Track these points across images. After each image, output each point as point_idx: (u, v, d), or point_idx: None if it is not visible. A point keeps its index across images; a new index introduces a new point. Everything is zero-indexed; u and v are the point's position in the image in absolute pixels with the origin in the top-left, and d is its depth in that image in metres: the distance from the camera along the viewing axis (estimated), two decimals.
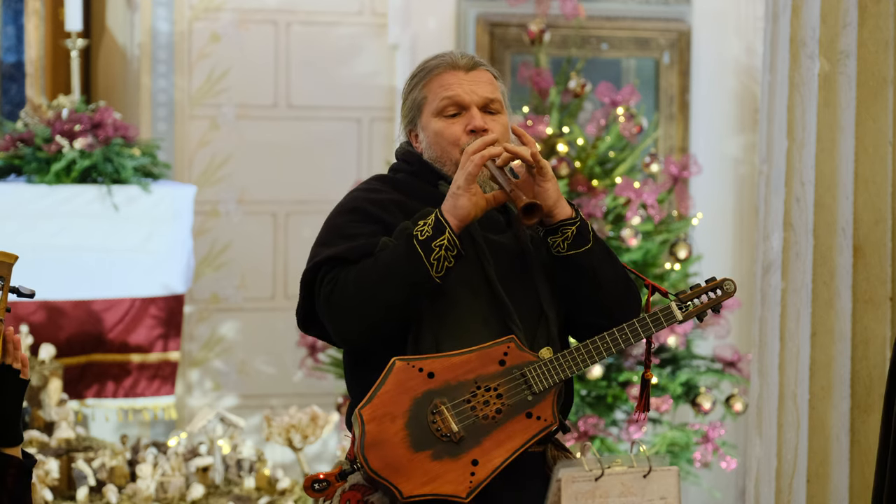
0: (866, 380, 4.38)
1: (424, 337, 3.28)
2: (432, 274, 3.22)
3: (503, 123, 3.40)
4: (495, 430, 3.23)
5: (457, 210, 3.24)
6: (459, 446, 3.21)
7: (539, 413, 3.26)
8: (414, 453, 3.20)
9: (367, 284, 3.23)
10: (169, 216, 6.22)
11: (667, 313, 3.33)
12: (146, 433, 6.65)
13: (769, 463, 4.58)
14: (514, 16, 6.92)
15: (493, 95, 3.39)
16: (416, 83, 3.43)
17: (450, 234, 3.22)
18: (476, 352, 3.24)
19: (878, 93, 4.36)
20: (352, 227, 3.34)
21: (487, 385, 3.24)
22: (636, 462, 3.78)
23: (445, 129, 3.37)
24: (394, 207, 3.35)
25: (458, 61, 3.39)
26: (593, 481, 3.71)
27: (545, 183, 3.29)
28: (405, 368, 3.22)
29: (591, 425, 5.87)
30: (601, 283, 3.36)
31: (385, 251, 3.26)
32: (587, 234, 3.33)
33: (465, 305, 3.30)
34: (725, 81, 7.22)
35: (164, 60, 6.94)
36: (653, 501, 3.75)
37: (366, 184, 3.48)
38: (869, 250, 4.37)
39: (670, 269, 6.23)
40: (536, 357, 3.27)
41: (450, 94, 3.37)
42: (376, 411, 3.20)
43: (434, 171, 3.41)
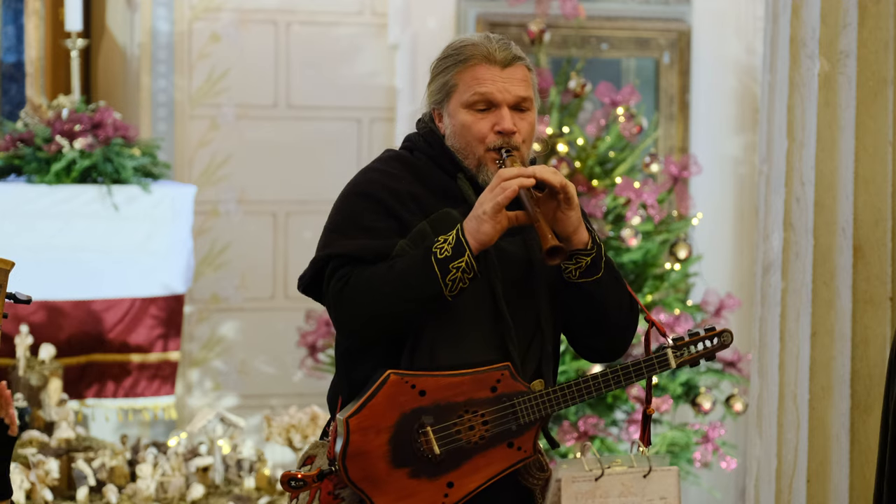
0: (866, 380, 4.38)
1: (422, 343, 3.28)
2: (445, 293, 3.21)
3: (531, 122, 3.36)
4: (476, 455, 3.24)
5: (479, 235, 3.20)
6: (438, 467, 3.22)
7: (520, 444, 3.27)
8: (393, 469, 3.22)
9: (380, 292, 3.22)
10: (169, 216, 6.22)
11: (661, 360, 3.33)
12: (146, 433, 6.65)
13: (769, 463, 4.58)
14: (514, 16, 6.92)
15: (525, 94, 3.34)
16: (450, 66, 3.35)
17: (469, 258, 3.20)
18: (470, 375, 3.24)
19: (878, 93, 4.36)
20: (368, 217, 3.30)
21: (476, 410, 3.23)
22: (636, 462, 3.78)
23: (473, 124, 3.32)
24: (412, 203, 3.31)
25: (495, 55, 3.31)
26: (593, 481, 3.70)
27: (569, 211, 3.26)
28: (398, 383, 3.21)
29: (591, 425, 5.87)
30: (604, 310, 3.35)
31: (401, 260, 3.24)
32: (600, 263, 3.31)
33: (467, 317, 3.29)
34: (725, 81, 7.22)
35: (164, 60, 6.94)
36: (653, 501, 3.75)
37: (384, 164, 3.41)
38: (869, 250, 4.37)
39: (670, 269, 6.23)
40: (528, 388, 3.26)
41: (482, 91, 3.31)
42: (364, 422, 3.21)
43: (454, 161, 3.36)
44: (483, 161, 3.33)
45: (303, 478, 3.25)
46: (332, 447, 3.26)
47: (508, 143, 3.32)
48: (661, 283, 6.21)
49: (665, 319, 5.99)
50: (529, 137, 3.37)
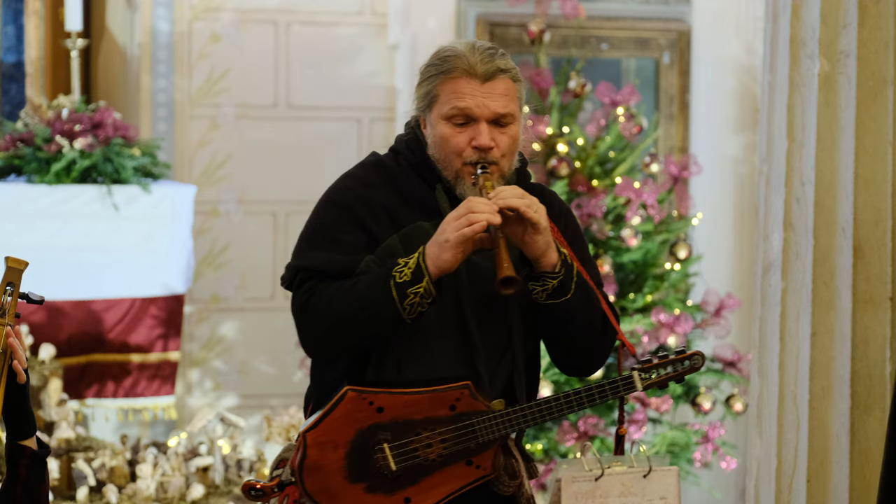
0: (866, 380, 4.37)
1: (388, 358, 3.28)
2: (403, 316, 3.21)
3: (512, 135, 3.33)
4: (434, 472, 3.24)
5: (439, 262, 3.19)
6: (395, 483, 3.23)
7: (479, 462, 3.26)
8: (349, 484, 3.23)
9: (338, 311, 3.23)
10: (169, 216, 6.22)
11: (627, 383, 3.31)
12: (146, 433, 6.65)
13: (769, 463, 4.58)
14: (514, 16, 6.92)
15: (505, 110, 3.31)
16: (433, 76, 3.33)
17: (427, 284, 3.20)
18: (428, 393, 3.23)
19: (878, 93, 4.36)
20: (339, 229, 3.31)
21: (434, 428, 3.23)
22: (636, 462, 3.77)
23: (451, 138, 3.31)
24: (384, 216, 3.31)
25: (476, 68, 3.28)
26: (593, 481, 3.70)
27: (535, 235, 3.24)
28: (356, 399, 3.22)
29: (591, 425, 5.87)
30: (574, 330, 3.34)
31: (362, 280, 3.24)
32: (569, 284, 3.28)
33: (435, 331, 3.29)
34: (725, 81, 7.22)
35: (164, 60, 6.94)
36: (653, 501, 3.75)
37: (364, 170, 3.42)
38: (869, 250, 4.37)
39: (670, 269, 6.23)
40: (487, 408, 3.25)
41: (461, 106, 3.29)
42: (320, 437, 3.22)
43: (434, 171, 3.36)
44: (460, 174, 3.32)
45: (262, 488, 3.27)
46: (295, 457, 3.27)
47: (485, 158, 3.30)
48: (661, 283, 6.21)
49: (665, 319, 5.99)
50: (510, 150, 3.34)
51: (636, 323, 5.99)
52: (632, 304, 6.14)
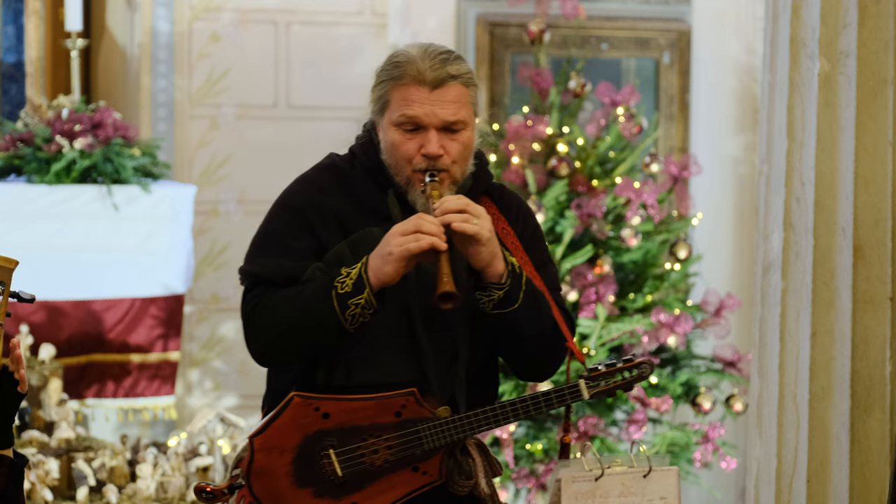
0: (866, 380, 4.37)
1: (338, 363, 3.29)
2: (345, 326, 3.22)
3: (463, 141, 3.31)
4: (380, 478, 3.25)
5: (381, 274, 3.19)
6: (342, 489, 3.24)
7: (426, 468, 3.27)
8: (297, 489, 3.24)
9: (282, 319, 3.25)
10: (169, 216, 6.22)
11: (573, 391, 3.29)
12: (146, 433, 6.65)
13: (769, 463, 4.58)
14: (514, 16, 6.92)
15: (454, 117, 3.29)
16: (385, 81, 3.33)
17: (368, 295, 3.20)
18: (375, 400, 3.24)
19: (878, 93, 4.36)
20: (288, 234, 3.32)
21: (380, 434, 3.24)
22: (636, 462, 3.77)
23: (401, 145, 3.30)
24: (334, 223, 3.31)
25: (425, 75, 3.26)
26: (593, 481, 3.70)
27: (479, 247, 3.22)
28: (302, 405, 3.24)
29: (591, 425, 5.87)
30: (521, 339, 3.33)
31: (306, 289, 3.25)
32: (516, 295, 3.27)
33: (384, 337, 3.29)
34: (725, 81, 7.22)
35: (164, 60, 6.93)
36: (653, 501, 3.75)
37: (318, 172, 3.42)
38: (869, 250, 4.37)
39: (670, 269, 6.23)
40: (433, 414, 3.25)
41: (409, 114, 3.28)
42: (267, 442, 3.24)
43: (387, 175, 3.35)
44: (411, 181, 3.32)
45: (212, 490, 3.28)
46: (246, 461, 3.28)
47: (434, 165, 3.29)
48: (661, 283, 6.21)
49: (665, 319, 5.99)
50: (462, 157, 3.32)
51: (636, 323, 5.99)
52: (632, 304, 6.14)
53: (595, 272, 6.00)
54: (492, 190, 3.45)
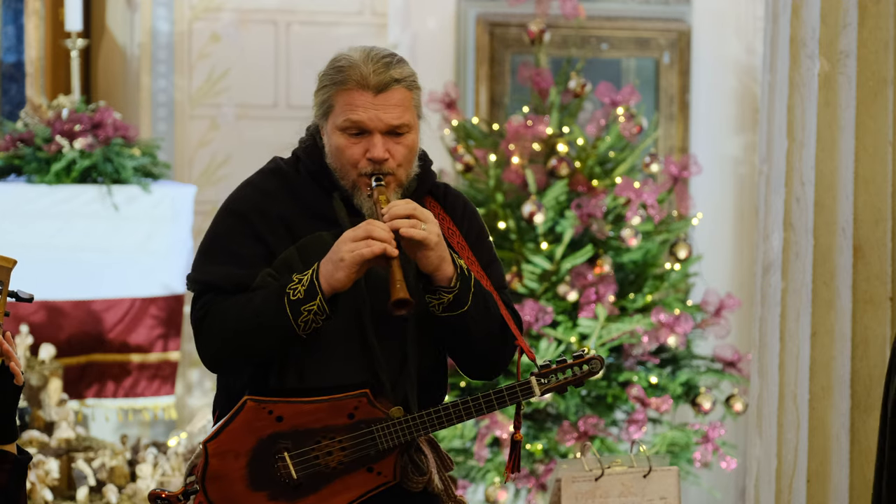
0: (866, 380, 4.38)
1: (290, 366, 3.29)
2: (298, 332, 3.22)
3: (408, 144, 3.33)
4: (335, 479, 3.25)
5: (332, 280, 3.20)
6: (297, 491, 3.25)
7: (380, 469, 3.28)
8: (252, 492, 3.25)
9: (234, 327, 3.25)
10: (169, 216, 6.22)
11: (525, 388, 3.30)
12: (146, 433, 6.65)
13: (769, 463, 4.58)
14: (514, 16, 6.92)
15: (398, 121, 3.30)
16: (328, 85, 3.34)
17: (321, 301, 3.21)
18: (327, 402, 3.25)
19: (878, 93, 4.36)
20: (235, 241, 3.31)
21: (333, 436, 3.25)
22: (636, 462, 3.78)
23: (346, 149, 3.30)
24: (281, 228, 3.31)
25: (368, 79, 3.28)
26: (593, 481, 3.70)
27: (427, 251, 3.23)
28: (255, 409, 3.24)
29: (591, 425, 5.87)
30: (472, 342, 3.34)
31: (257, 296, 3.25)
32: (465, 297, 3.28)
33: (336, 340, 3.30)
34: (725, 81, 7.22)
35: (164, 60, 6.93)
36: (653, 501, 3.75)
37: (263, 178, 3.41)
38: (869, 250, 4.37)
39: (670, 269, 6.23)
40: (386, 415, 3.26)
41: (354, 118, 3.28)
42: (221, 447, 3.25)
43: (332, 179, 3.35)
44: (357, 185, 3.33)
45: (167, 497, 3.28)
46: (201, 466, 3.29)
47: (380, 169, 3.30)
48: (661, 283, 6.21)
49: (665, 319, 5.99)
50: (407, 160, 3.33)
51: (636, 323, 5.99)
52: (632, 304, 6.14)
53: (595, 272, 6.00)
54: (436, 190, 3.46)
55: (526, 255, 6.07)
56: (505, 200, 6.18)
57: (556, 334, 5.95)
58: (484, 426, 5.84)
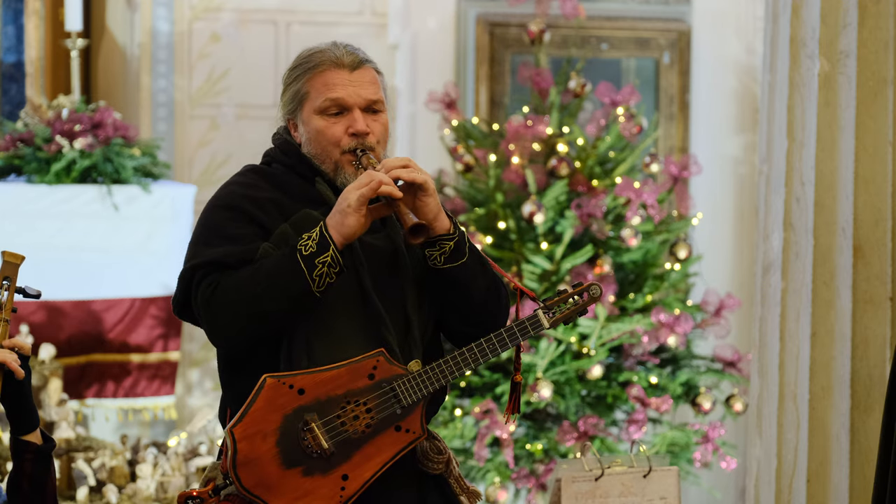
0: (866, 380, 4.38)
1: (297, 344, 3.30)
2: (313, 289, 3.24)
3: (384, 123, 3.41)
4: (365, 444, 3.26)
5: (343, 228, 3.25)
6: (330, 462, 3.25)
7: (408, 426, 3.29)
8: (285, 470, 3.24)
9: (248, 293, 3.25)
10: (169, 216, 6.22)
11: (534, 322, 3.34)
12: (146, 433, 6.65)
13: (769, 463, 4.58)
14: (514, 16, 6.92)
15: (376, 96, 3.39)
16: (299, 75, 3.43)
17: (333, 252, 3.24)
18: (345, 367, 3.26)
19: (878, 93, 4.37)
20: (231, 226, 3.35)
21: (357, 400, 3.26)
22: (636, 462, 3.78)
23: (327, 129, 3.38)
24: (272, 208, 3.36)
25: (342, 59, 3.38)
26: (593, 481, 3.71)
27: (426, 198, 3.30)
28: (275, 385, 3.24)
29: (591, 425, 5.87)
30: (472, 295, 3.38)
31: (267, 260, 3.28)
32: (464, 247, 3.35)
33: (339, 313, 3.32)
34: (725, 81, 7.22)
35: (164, 60, 6.94)
36: (653, 501, 3.75)
37: (242, 176, 3.47)
38: (869, 250, 4.37)
39: (670, 269, 6.23)
40: (405, 370, 3.29)
41: (333, 96, 3.37)
42: (248, 430, 3.24)
43: (312, 166, 3.41)
44: (340, 164, 3.39)
45: (198, 495, 3.28)
46: (224, 461, 3.28)
47: (363, 143, 3.37)
48: (661, 283, 6.21)
49: (665, 319, 5.99)
50: (384, 137, 3.42)
51: (636, 323, 5.99)
52: (632, 304, 6.14)
53: (595, 272, 6.00)
54: None
55: (526, 255, 6.07)
56: (505, 200, 6.18)
57: (556, 334, 5.96)
58: (484, 426, 5.84)
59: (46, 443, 3.19)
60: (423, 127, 6.88)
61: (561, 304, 3.37)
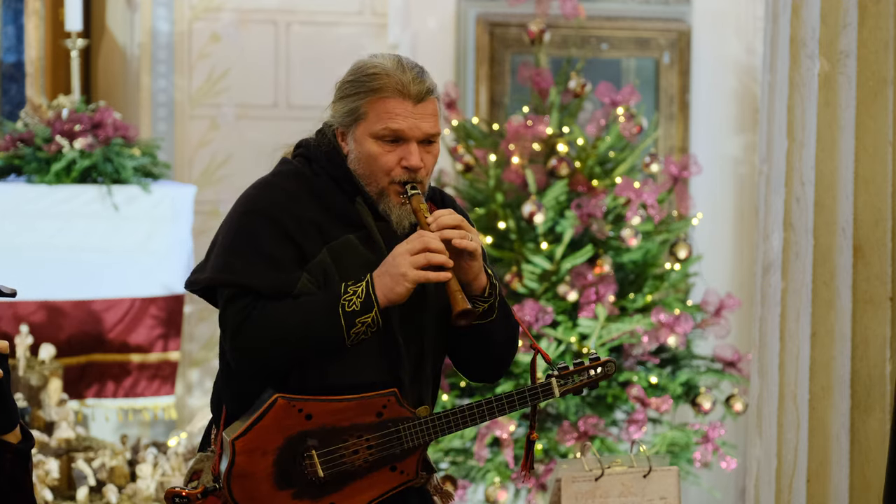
0: (866, 380, 4.38)
1: (311, 367, 3.30)
2: (346, 343, 3.25)
3: (436, 154, 3.37)
4: (359, 478, 3.28)
5: (392, 295, 3.23)
6: (322, 489, 3.27)
7: (403, 468, 3.31)
8: (277, 491, 3.25)
9: (281, 333, 3.24)
10: (169, 216, 6.22)
11: (546, 389, 3.37)
12: (146, 433, 6.65)
13: (769, 463, 4.58)
14: (514, 16, 6.92)
15: (434, 130, 3.33)
16: (360, 93, 3.33)
17: (376, 315, 3.24)
18: (356, 400, 3.27)
19: (878, 93, 4.37)
20: (268, 242, 3.29)
21: (361, 434, 3.27)
22: (636, 462, 3.78)
23: (381, 157, 3.31)
24: (313, 232, 3.30)
25: (408, 88, 3.29)
26: (593, 481, 3.71)
27: (472, 262, 3.29)
28: (286, 407, 3.25)
29: (591, 425, 5.87)
30: (492, 346, 3.41)
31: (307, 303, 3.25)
32: (496, 305, 3.35)
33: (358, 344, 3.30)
34: (725, 81, 7.22)
35: (164, 60, 6.94)
36: (653, 501, 3.75)
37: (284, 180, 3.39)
38: (869, 250, 4.37)
39: (670, 269, 6.23)
40: (413, 414, 3.30)
41: (394, 127, 3.29)
42: (249, 444, 3.24)
43: (355, 183, 3.35)
44: (386, 192, 3.34)
45: (187, 495, 3.28)
46: (217, 464, 3.29)
47: (415, 178, 3.32)
48: (661, 283, 6.21)
49: (665, 319, 5.99)
50: (432, 169, 3.38)
51: (636, 323, 5.99)
52: (632, 304, 6.14)
53: (595, 272, 6.00)
54: (434, 195, 3.50)
55: (526, 255, 6.07)
56: (505, 200, 6.18)
57: (556, 334, 5.96)
58: (484, 426, 5.84)
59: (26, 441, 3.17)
60: None
61: (575, 375, 3.40)
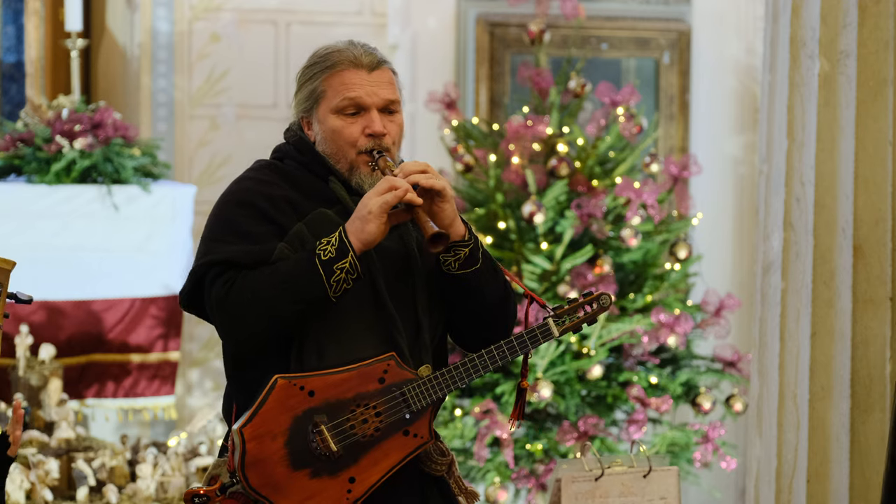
0: (866, 380, 4.38)
1: (308, 342, 3.31)
2: (330, 294, 3.25)
3: (399, 123, 3.44)
4: (373, 447, 3.27)
5: (363, 234, 3.26)
6: (337, 464, 3.26)
7: (416, 431, 3.30)
8: (293, 472, 3.25)
9: (263, 295, 3.25)
10: (169, 216, 6.22)
11: (544, 330, 3.36)
12: (146, 433, 6.65)
13: (769, 463, 4.58)
14: (514, 16, 6.92)
15: (393, 97, 3.42)
16: (316, 73, 3.41)
17: (352, 258, 3.25)
18: (356, 369, 3.27)
19: (878, 93, 4.37)
20: (245, 223, 3.34)
21: (367, 403, 3.27)
22: (636, 462, 3.78)
23: (344, 129, 3.38)
24: (287, 206, 3.35)
25: (361, 59, 3.38)
26: (593, 481, 3.71)
27: (443, 204, 3.31)
28: (286, 387, 3.25)
29: (591, 425, 5.87)
30: (484, 300, 3.40)
31: (284, 263, 3.28)
32: (478, 253, 3.37)
33: (351, 314, 3.32)
34: (725, 81, 7.22)
35: (164, 60, 6.94)
36: (653, 501, 3.75)
37: (256, 172, 3.48)
38: (869, 250, 4.38)
39: (670, 269, 6.23)
40: (416, 375, 3.30)
41: (352, 96, 3.37)
42: (257, 430, 3.24)
43: (326, 165, 3.41)
44: (355, 164, 3.39)
45: (206, 493, 3.28)
46: (231, 459, 3.28)
47: (379, 144, 3.39)
48: (661, 283, 6.21)
49: (665, 319, 5.99)
50: (399, 138, 3.45)
51: (636, 323, 5.99)
52: (632, 304, 6.14)
53: (595, 272, 6.00)
54: None
55: (526, 255, 6.07)
56: (505, 200, 6.18)
57: None
58: (484, 426, 5.84)
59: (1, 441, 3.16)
60: (423, 127, 6.88)
61: (571, 312, 3.39)
